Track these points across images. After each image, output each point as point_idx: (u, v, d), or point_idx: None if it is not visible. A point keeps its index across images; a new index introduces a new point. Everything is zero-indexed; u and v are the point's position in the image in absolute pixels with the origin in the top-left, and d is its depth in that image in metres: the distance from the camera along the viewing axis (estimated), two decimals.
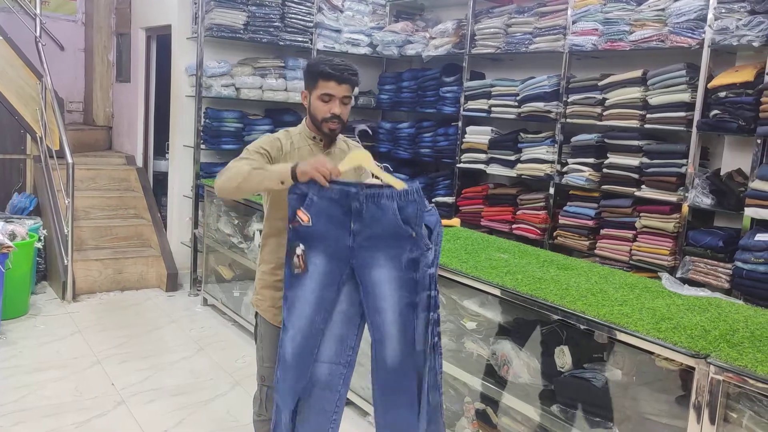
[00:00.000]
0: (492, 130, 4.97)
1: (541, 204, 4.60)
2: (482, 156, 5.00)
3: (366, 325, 2.21)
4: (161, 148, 6.39)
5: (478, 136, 5.04)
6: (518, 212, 4.74)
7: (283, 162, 2.26)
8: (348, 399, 2.87)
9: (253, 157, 2.26)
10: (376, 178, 2.23)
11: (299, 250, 2.11)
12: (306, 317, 2.15)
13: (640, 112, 4.00)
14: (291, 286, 2.16)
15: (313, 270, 2.13)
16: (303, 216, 2.09)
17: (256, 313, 2.49)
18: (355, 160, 2.22)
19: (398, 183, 2.09)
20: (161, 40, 6.25)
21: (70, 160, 5.15)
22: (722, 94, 3.57)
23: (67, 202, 5.14)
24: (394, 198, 2.08)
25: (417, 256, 2.09)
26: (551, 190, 4.53)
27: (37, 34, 5.84)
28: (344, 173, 2.15)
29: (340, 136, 2.47)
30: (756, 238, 3.34)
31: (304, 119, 2.44)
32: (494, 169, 4.90)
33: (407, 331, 2.13)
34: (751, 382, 1.84)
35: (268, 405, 2.42)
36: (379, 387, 2.20)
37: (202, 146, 5.37)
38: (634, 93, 4.01)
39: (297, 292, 2.15)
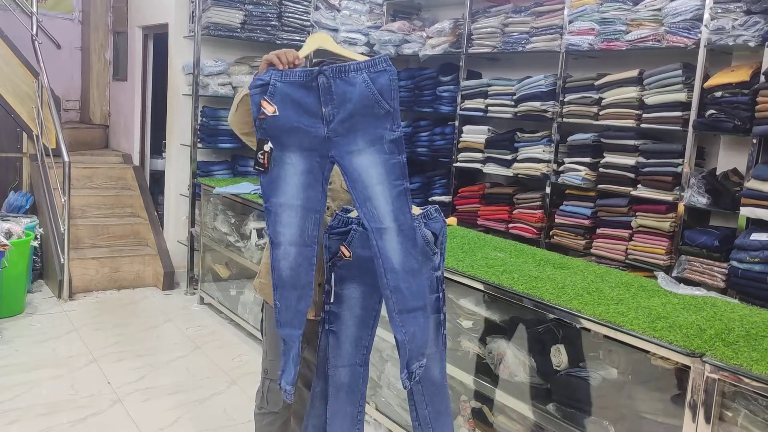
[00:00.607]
0: (489, 129, 4.97)
1: (538, 203, 4.61)
2: (479, 155, 5.00)
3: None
4: (158, 146, 6.38)
5: (474, 135, 5.04)
6: (515, 211, 4.75)
7: None
8: None
9: None
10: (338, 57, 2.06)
11: (267, 147, 1.92)
12: (296, 225, 1.99)
13: (637, 112, 4.00)
14: (270, 194, 1.97)
15: (292, 171, 1.95)
16: (268, 106, 1.90)
17: (263, 306, 2.49)
18: (314, 43, 2.06)
19: (362, 57, 1.95)
20: (158, 38, 6.25)
21: (66, 159, 5.13)
22: (718, 93, 3.58)
23: (63, 200, 5.13)
24: (363, 69, 1.88)
25: (399, 136, 1.92)
26: (548, 190, 4.53)
27: (34, 32, 5.82)
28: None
29: None
30: (751, 238, 3.35)
31: None
32: (491, 169, 4.90)
33: (404, 224, 1.93)
34: (747, 380, 1.85)
35: (269, 398, 2.44)
36: (391, 292, 1.95)
37: (199, 145, 5.37)
38: (630, 93, 4.02)
39: (280, 199, 1.97)
